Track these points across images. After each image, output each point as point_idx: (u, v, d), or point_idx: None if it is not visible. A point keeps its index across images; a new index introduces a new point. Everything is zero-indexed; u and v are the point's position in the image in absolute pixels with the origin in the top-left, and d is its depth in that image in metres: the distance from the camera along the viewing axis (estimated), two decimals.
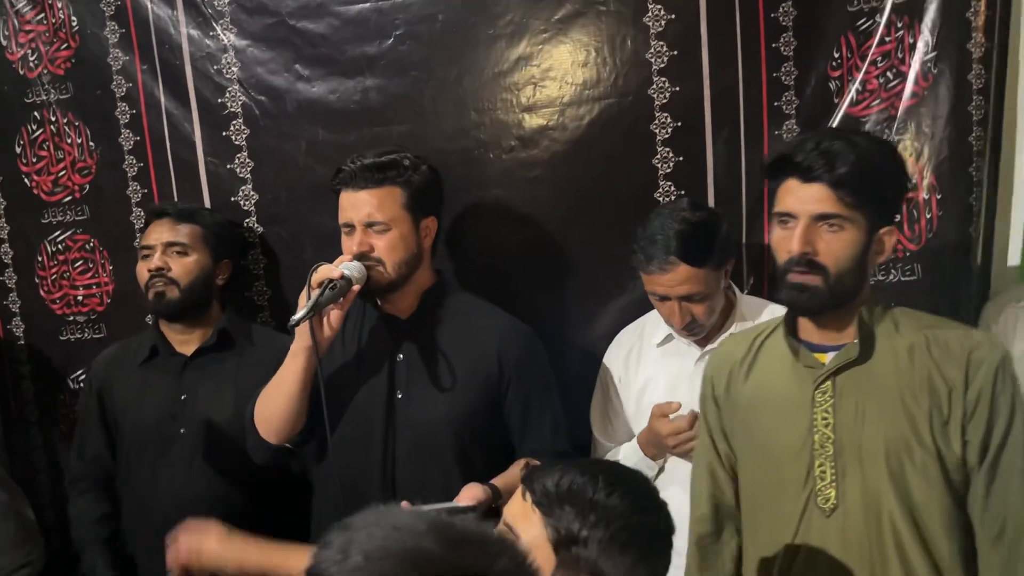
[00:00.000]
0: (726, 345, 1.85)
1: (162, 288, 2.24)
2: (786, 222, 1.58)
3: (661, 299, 2.01)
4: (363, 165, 1.98)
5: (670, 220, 1.98)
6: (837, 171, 1.52)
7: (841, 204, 1.52)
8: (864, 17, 2.16)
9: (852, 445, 1.57)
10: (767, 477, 1.67)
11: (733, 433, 1.75)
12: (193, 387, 2.24)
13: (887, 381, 1.57)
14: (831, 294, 1.56)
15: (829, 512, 1.59)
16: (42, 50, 2.51)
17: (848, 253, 1.55)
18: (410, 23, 2.32)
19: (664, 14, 2.22)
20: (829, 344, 1.63)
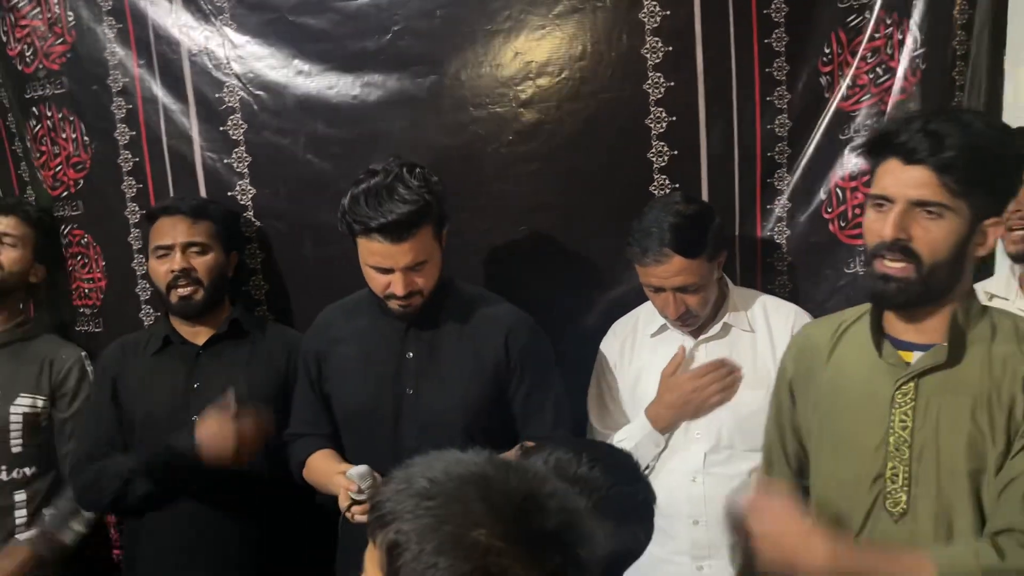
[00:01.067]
0: (807, 332, 1.78)
1: (188, 290, 2.22)
2: (881, 205, 1.47)
3: (656, 290, 2.05)
4: (396, 221, 1.91)
5: (664, 213, 2.02)
6: (944, 154, 1.40)
7: (944, 190, 1.41)
8: (854, 13, 2.22)
9: (929, 451, 1.49)
10: (837, 471, 1.61)
11: (806, 427, 1.69)
12: (205, 376, 2.24)
13: (974, 390, 1.46)
14: (922, 287, 1.46)
15: (898, 517, 1.52)
16: (37, 45, 2.49)
17: (946, 243, 1.43)
18: (409, 18, 2.33)
19: (659, 10, 2.26)
20: (916, 342, 1.53)
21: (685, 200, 2.09)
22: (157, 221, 2.28)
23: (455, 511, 0.88)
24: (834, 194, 2.29)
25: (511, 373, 2.08)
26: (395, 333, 2.09)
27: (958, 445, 1.47)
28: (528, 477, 0.93)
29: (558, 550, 0.90)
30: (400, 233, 1.93)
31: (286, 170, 2.43)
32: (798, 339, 1.79)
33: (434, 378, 2.06)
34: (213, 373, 2.25)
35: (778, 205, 2.33)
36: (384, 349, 2.09)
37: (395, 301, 2.00)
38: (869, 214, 1.51)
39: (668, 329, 2.17)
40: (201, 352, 2.28)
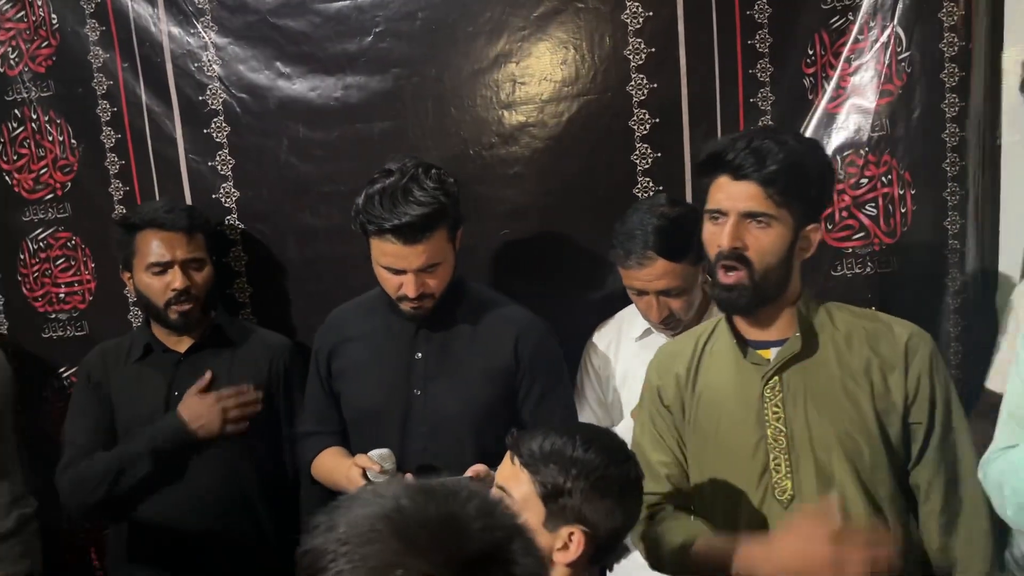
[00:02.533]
0: (668, 349, 1.86)
1: (187, 308, 2.21)
2: (717, 218, 1.62)
3: (639, 293, 2.03)
4: (410, 223, 1.90)
5: (648, 215, 2.00)
6: (766, 169, 1.56)
7: (770, 202, 1.57)
8: (838, 15, 2.19)
9: (803, 436, 1.62)
10: (724, 473, 1.70)
11: (688, 442, 1.76)
12: (186, 384, 2.24)
13: (831, 370, 1.62)
14: (756, 290, 1.61)
15: (787, 503, 1.63)
16: (23, 47, 2.50)
17: (774, 248, 1.59)
18: (390, 20, 2.32)
19: (642, 11, 2.24)
20: (771, 340, 1.67)
21: (669, 203, 2.07)
22: (142, 233, 2.23)
23: (372, 552, 0.85)
24: None
25: (521, 376, 2.07)
26: (405, 333, 2.08)
27: (827, 427, 1.61)
28: (448, 501, 0.90)
29: (486, 573, 0.87)
30: (414, 235, 1.92)
31: (269, 172, 2.44)
32: (660, 357, 1.84)
33: (443, 379, 2.05)
34: (193, 380, 2.24)
35: None
36: (394, 349, 2.08)
37: (407, 302, 1.99)
38: (707, 227, 1.65)
39: (652, 333, 2.16)
40: (182, 359, 2.27)
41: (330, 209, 2.39)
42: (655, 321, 2.06)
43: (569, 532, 1.41)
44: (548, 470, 1.43)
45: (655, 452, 1.80)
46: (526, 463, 1.46)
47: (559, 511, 1.42)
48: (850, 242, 2.25)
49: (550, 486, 1.43)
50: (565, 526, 1.42)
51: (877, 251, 2.24)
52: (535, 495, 1.43)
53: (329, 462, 2.09)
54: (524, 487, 1.44)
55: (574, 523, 1.42)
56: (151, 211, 2.26)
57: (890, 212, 2.22)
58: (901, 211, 2.22)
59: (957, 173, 2.20)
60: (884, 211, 2.22)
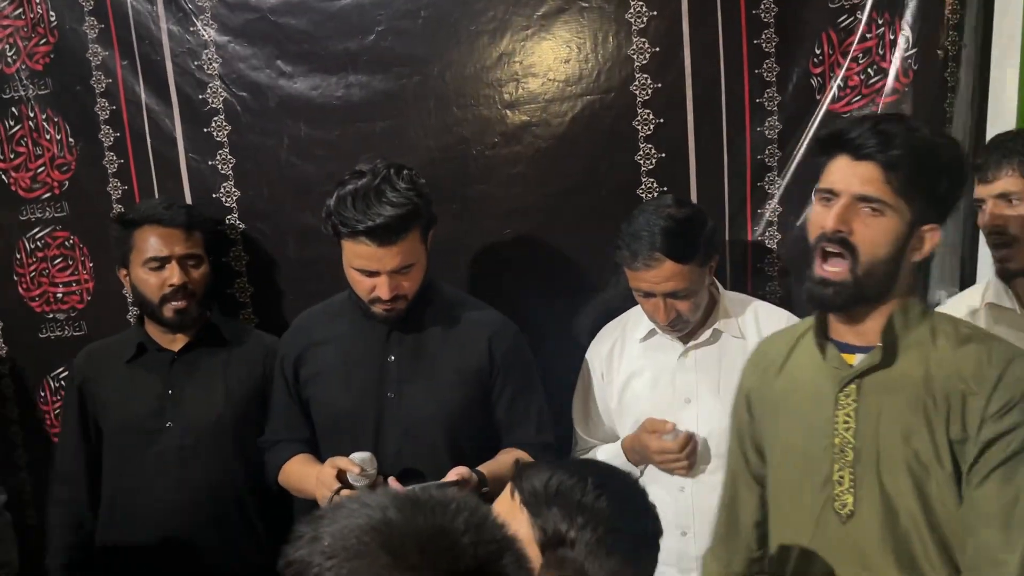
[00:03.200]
0: (763, 346, 1.78)
1: (183, 304, 2.20)
2: (827, 199, 1.48)
3: (645, 295, 2.01)
4: (384, 224, 1.89)
5: (655, 216, 1.98)
6: (892, 152, 1.43)
7: (888, 188, 1.43)
8: (845, 14, 2.18)
9: (871, 452, 1.50)
10: (788, 476, 1.62)
11: (763, 436, 1.69)
12: (180, 383, 2.23)
13: (913, 390, 1.48)
14: (857, 288, 1.47)
15: (845, 519, 1.53)
16: (20, 45, 2.48)
17: (885, 241, 1.45)
18: (392, 19, 2.31)
19: (646, 11, 2.23)
20: (860, 345, 1.54)
21: (676, 204, 2.04)
22: (140, 229, 2.22)
23: (359, 567, 0.82)
24: None
25: (494, 378, 2.07)
26: (377, 337, 2.07)
27: (898, 447, 1.49)
28: (437, 513, 0.86)
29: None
30: (388, 236, 1.90)
31: (270, 172, 2.42)
32: (757, 351, 1.78)
33: (416, 382, 2.04)
34: (188, 380, 2.24)
35: (768, 209, 2.29)
36: (366, 353, 2.07)
37: (380, 305, 1.98)
38: (815, 208, 1.52)
39: (657, 334, 2.14)
40: (176, 358, 2.26)
41: None
42: (662, 323, 2.04)
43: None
44: (550, 514, 1.26)
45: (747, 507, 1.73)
46: (526, 502, 1.29)
47: (557, 562, 1.25)
48: None
49: (550, 532, 1.25)
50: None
51: None
52: (532, 540, 1.25)
53: (298, 468, 2.07)
54: (521, 529, 1.25)
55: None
56: (150, 207, 2.26)
57: None
58: None
59: None
60: None
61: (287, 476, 2.11)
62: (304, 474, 2.03)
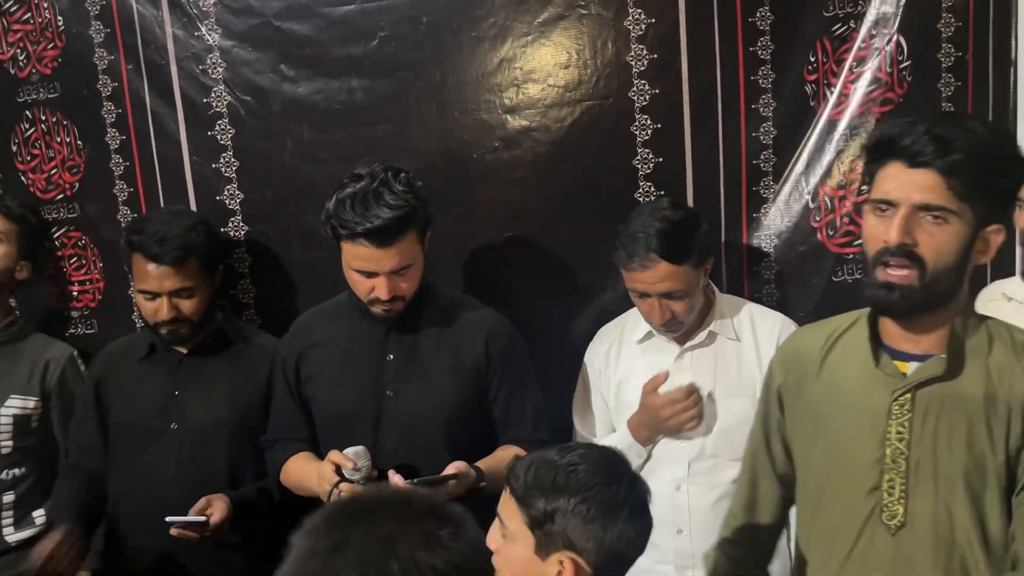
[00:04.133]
0: (797, 339, 1.74)
1: (174, 328, 2.21)
2: (884, 210, 1.42)
3: (641, 296, 2.04)
4: (383, 226, 1.92)
5: (651, 219, 2.01)
6: (951, 157, 1.36)
7: (951, 194, 1.37)
8: (840, 23, 2.20)
9: (927, 464, 1.46)
10: (829, 483, 1.58)
11: (795, 435, 1.66)
12: (186, 384, 2.26)
13: (973, 401, 1.44)
14: (925, 294, 1.42)
15: (895, 530, 1.49)
16: (30, 49, 2.52)
17: (951, 248, 1.40)
18: (395, 25, 2.34)
19: (644, 18, 2.25)
20: (914, 352, 1.50)
21: (672, 206, 2.07)
22: (136, 255, 2.21)
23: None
24: (823, 203, 2.27)
25: (491, 376, 2.10)
26: (376, 336, 2.10)
27: (956, 458, 1.44)
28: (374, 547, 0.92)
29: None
30: (387, 238, 1.93)
31: (273, 175, 2.45)
32: (788, 346, 1.75)
33: (414, 381, 2.07)
34: (194, 381, 2.26)
35: (764, 213, 2.31)
36: (365, 352, 2.10)
37: (379, 305, 2.01)
38: (870, 219, 1.46)
39: (654, 336, 2.16)
40: (184, 360, 2.29)
41: None
42: (657, 324, 2.07)
43: (559, 560, 1.37)
44: (533, 498, 1.40)
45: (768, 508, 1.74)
46: (515, 493, 1.42)
47: (546, 539, 1.39)
48: (852, 248, 2.26)
49: (535, 514, 1.39)
50: (555, 553, 1.38)
51: None
52: (524, 525, 1.40)
53: (299, 466, 2.10)
54: (516, 518, 1.41)
55: (562, 550, 1.37)
56: (143, 237, 2.19)
57: None
58: None
59: None
60: None
61: (288, 474, 2.14)
62: (305, 471, 2.06)
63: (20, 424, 2.40)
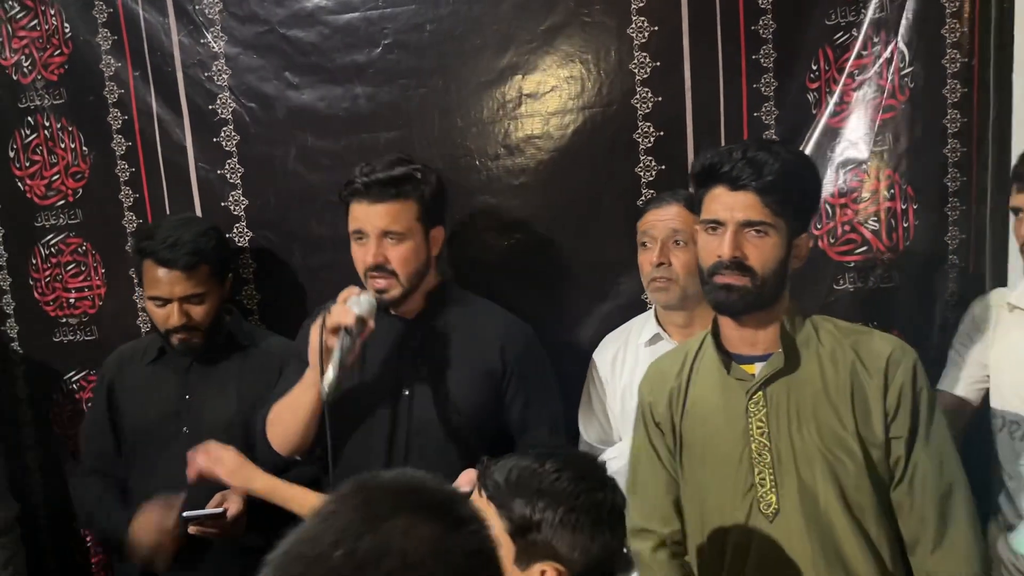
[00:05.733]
0: (659, 365, 1.87)
1: (186, 336, 2.22)
2: (714, 229, 1.63)
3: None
4: (379, 179, 1.98)
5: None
6: (764, 179, 1.58)
7: (768, 211, 1.59)
8: (842, 31, 2.20)
9: (787, 451, 1.63)
10: (711, 487, 1.71)
11: (682, 457, 1.76)
12: (197, 387, 2.27)
13: (814, 386, 1.64)
14: (758, 294, 1.62)
15: (772, 517, 1.64)
16: (35, 56, 2.53)
17: (774, 256, 1.61)
18: (399, 32, 2.35)
19: (647, 26, 2.26)
20: (756, 355, 1.68)
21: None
22: (146, 261, 2.22)
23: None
24: (823, 210, 2.27)
25: (507, 381, 2.08)
26: (393, 333, 2.09)
27: (810, 442, 1.62)
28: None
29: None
30: (380, 192, 1.97)
31: (277, 181, 2.46)
32: (651, 373, 1.86)
33: (430, 380, 2.06)
34: (205, 384, 2.27)
35: None
36: (382, 349, 2.08)
37: (372, 277, 2.00)
38: (703, 238, 1.66)
39: (661, 339, 2.17)
40: (194, 363, 2.29)
41: (336, 217, 2.37)
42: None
43: (541, 570, 1.32)
44: (514, 503, 1.34)
45: (653, 483, 1.80)
46: (492, 496, 1.37)
47: (529, 547, 1.33)
48: (852, 256, 2.26)
49: (517, 520, 1.33)
50: (537, 563, 1.33)
51: (879, 265, 2.25)
52: (503, 531, 1.33)
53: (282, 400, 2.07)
54: (494, 524, 1.32)
55: (545, 559, 1.32)
56: (154, 243, 2.20)
57: (892, 226, 2.23)
58: (903, 225, 2.23)
59: (959, 188, 2.21)
60: (886, 225, 2.24)
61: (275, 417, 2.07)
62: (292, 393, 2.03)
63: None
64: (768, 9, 2.22)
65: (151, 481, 2.24)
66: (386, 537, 0.87)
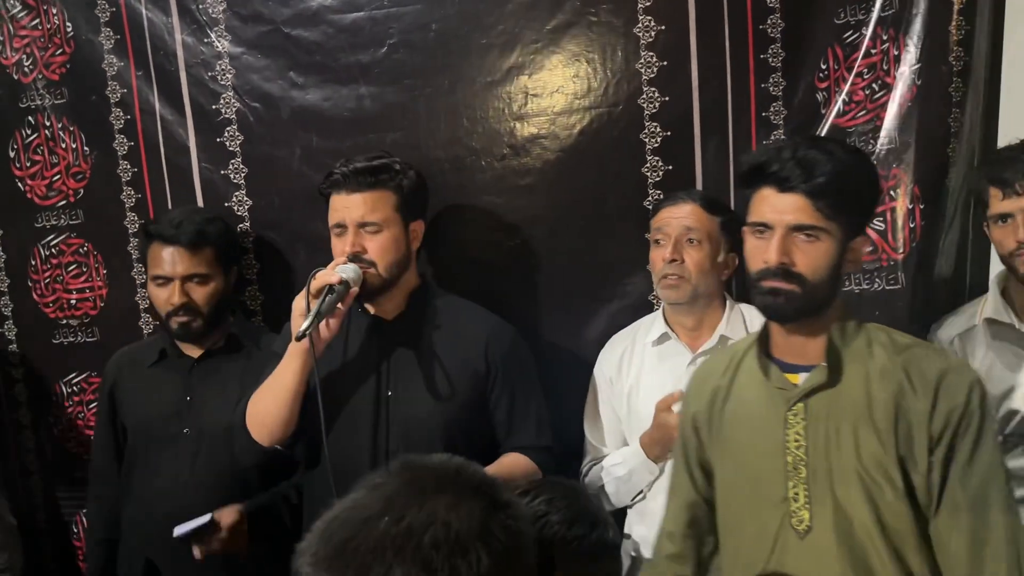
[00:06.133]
0: (706, 366, 1.82)
1: (186, 319, 2.23)
2: (761, 232, 1.56)
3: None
4: (355, 169, 2.01)
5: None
6: (815, 181, 1.49)
7: (819, 215, 1.50)
8: (850, 30, 2.20)
9: (824, 467, 1.54)
10: (742, 496, 1.65)
11: (714, 460, 1.72)
12: (199, 388, 2.26)
13: (857, 404, 1.54)
14: (807, 300, 1.53)
15: (803, 534, 1.56)
16: (37, 55, 2.52)
17: (824, 263, 1.53)
18: (404, 32, 2.34)
19: (654, 25, 2.25)
20: (802, 364, 1.60)
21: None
22: (153, 244, 2.25)
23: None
24: None
25: (491, 381, 2.09)
26: (377, 335, 2.09)
27: (848, 461, 1.53)
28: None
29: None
30: (357, 181, 2.01)
31: (281, 181, 2.45)
32: (697, 376, 1.82)
33: (414, 381, 2.06)
34: (207, 386, 2.26)
35: None
36: (365, 350, 2.09)
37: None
38: (750, 241, 1.58)
39: (669, 339, 2.16)
40: (196, 365, 2.29)
41: None
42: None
43: None
44: None
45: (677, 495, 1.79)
46: None
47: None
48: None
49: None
50: None
51: (885, 266, 2.24)
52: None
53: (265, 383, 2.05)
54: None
55: None
56: (162, 223, 2.26)
57: (899, 227, 2.22)
58: (910, 226, 2.22)
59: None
60: (892, 226, 2.23)
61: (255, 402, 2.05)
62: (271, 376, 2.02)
63: None
64: (776, 8, 2.21)
65: (153, 481, 2.24)
66: (432, 509, 0.91)
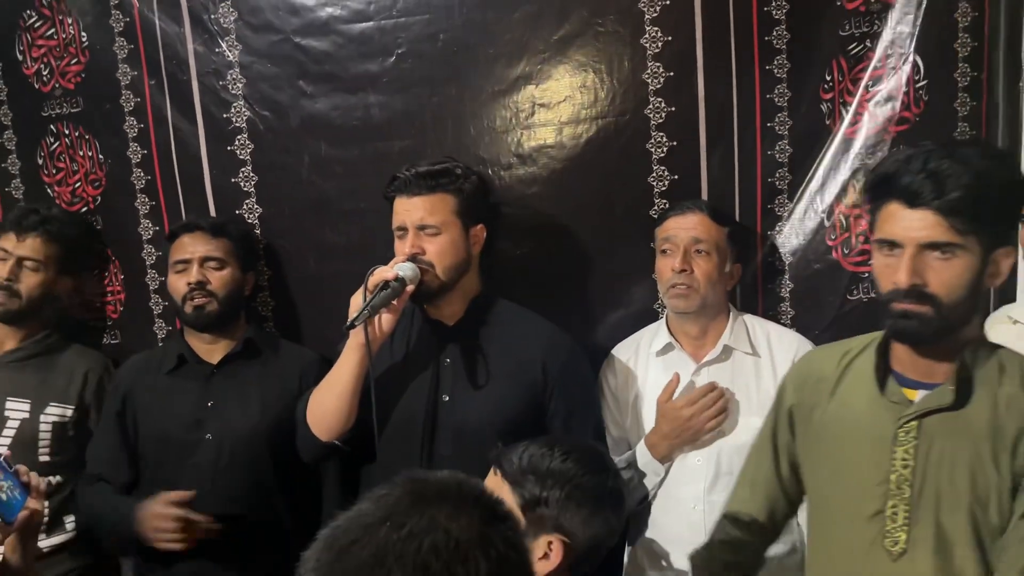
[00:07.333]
0: (811, 360, 1.73)
1: (202, 301, 2.27)
2: (890, 250, 1.43)
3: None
4: (417, 173, 2.04)
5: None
6: (948, 196, 1.35)
7: (953, 231, 1.37)
8: (856, 42, 2.19)
9: (931, 492, 1.45)
10: (836, 505, 1.57)
11: (806, 456, 1.66)
12: (220, 394, 2.28)
13: (979, 432, 1.43)
14: (942, 322, 1.41)
15: (896, 556, 1.48)
16: (54, 64, 2.56)
17: (961, 281, 1.39)
18: (412, 41, 2.35)
19: (661, 36, 2.25)
20: (922, 381, 1.49)
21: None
22: (175, 241, 2.33)
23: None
24: (838, 221, 2.26)
25: (548, 392, 2.07)
26: (434, 339, 2.10)
27: (960, 489, 1.43)
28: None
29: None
30: (418, 185, 2.03)
31: (291, 189, 2.47)
32: (801, 366, 1.74)
33: (470, 387, 2.06)
34: (227, 392, 2.28)
35: (779, 231, 2.31)
36: (422, 354, 2.10)
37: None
38: (878, 258, 1.46)
39: (673, 349, 2.17)
40: (215, 371, 2.31)
41: (350, 226, 2.44)
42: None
43: (548, 541, 1.48)
44: (527, 481, 1.52)
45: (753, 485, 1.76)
46: (507, 476, 1.54)
47: (537, 521, 1.49)
48: (866, 267, 2.24)
49: (528, 496, 1.50)
50: (544, 535, 1.48)
51: None
52: (516, 506, 1.48)
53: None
54: (506, 499, 1.40)
55: (552, 532, 1.48)
56: (184, 221, 2.38)
57: None
58: None
59: None
60: None
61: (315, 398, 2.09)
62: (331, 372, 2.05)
63: (58, 433, 2.41)
64: (782, 20, 2.21)
65: (173, 487, 2.20)
66: (432, 516, 0.94)
